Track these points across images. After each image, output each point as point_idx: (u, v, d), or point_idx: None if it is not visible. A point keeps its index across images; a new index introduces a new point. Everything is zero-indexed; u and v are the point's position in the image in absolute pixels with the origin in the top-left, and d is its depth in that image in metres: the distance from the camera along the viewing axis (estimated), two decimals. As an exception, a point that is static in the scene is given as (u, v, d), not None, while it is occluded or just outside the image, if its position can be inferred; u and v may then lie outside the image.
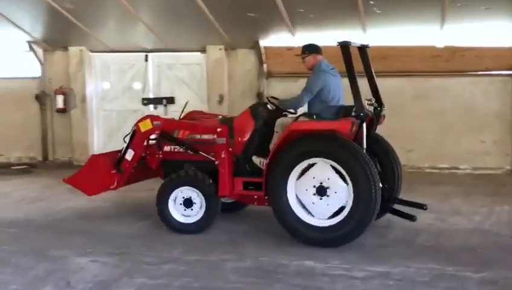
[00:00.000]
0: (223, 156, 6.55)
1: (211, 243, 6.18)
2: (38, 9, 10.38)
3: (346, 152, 5.86)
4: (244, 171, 6.67)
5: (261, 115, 6.81)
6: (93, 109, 11.96)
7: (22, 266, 5.45)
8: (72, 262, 5.58)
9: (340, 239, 5.95)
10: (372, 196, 5.78)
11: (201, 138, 6.82)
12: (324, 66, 6.70)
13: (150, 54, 11.68)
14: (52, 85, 11.95)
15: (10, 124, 12.21)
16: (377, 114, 6.60)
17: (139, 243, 6.18)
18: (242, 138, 6.71)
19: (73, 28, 10.70)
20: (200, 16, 9.75)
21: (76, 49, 11.67)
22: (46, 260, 5.64)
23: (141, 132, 6.90)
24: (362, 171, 5.77)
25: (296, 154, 6.05)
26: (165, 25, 10.81)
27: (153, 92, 11.81)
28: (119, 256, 5.72)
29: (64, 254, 5.80)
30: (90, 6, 10.02)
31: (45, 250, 5.96)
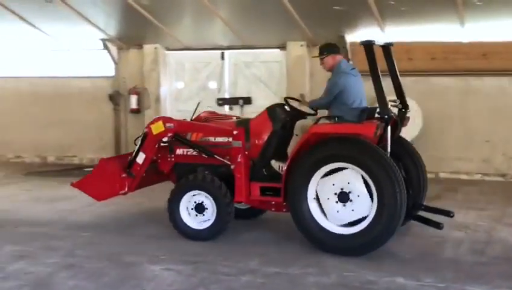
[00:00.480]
0: (239, 160, 6.58)
1: (291, 254, 6.17)
2: (113, 6, 10.76)
3: (371, 157, 5.90)
4: (261, 176, 6.72)
5: (279, 116, 6.79)
6: (167, 110, 12.23)
7: (95, 272, 5.65)
8: (146, 269, 5.72)
9: (363, 247, 6.00)
10: (397, 203, 5.81)
11: (215, 140, 6.87)
12: (344, 67, 6.78)
13: (226, 52, 11.85)
14: (126, 85, 12.32)
15: (83, 125, 12.69)
16: (401, 116, 6.66)
17: (214, 252, 6.26)
18: (259, 140, 6.74)
19: (148, 25, 11.02)
20: (281, 10, 9.79)
21: (151, 47, 12.00)
22: (120, 266, 5.82)
23: (153, 135, 6.96)
24: (387, 177, 5.82)
25: (317, 159, 6.10)
26: (243, 20, 10.93)
27: (229, 91, 11.97)
28: (194, 265, 5.82)
29: (138, 261, 5.97)
30: (166, 2, 10.28)
31: (118, 256, 6.15)
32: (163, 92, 12.20)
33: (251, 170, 6.72)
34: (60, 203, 8.68)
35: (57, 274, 5.56)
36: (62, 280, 5.43)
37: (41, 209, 8.29)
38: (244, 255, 6.15)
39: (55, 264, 5.85)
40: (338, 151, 6.07)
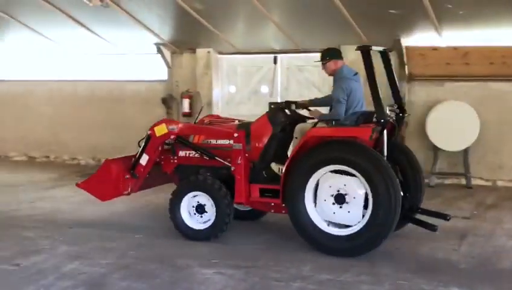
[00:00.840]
0: (239, 162, 6.81)
1: (344, 261, 6.12)
2: (168, 10, 10.89)
3: (366, 160, 6.10)
4: (261, 178, 6.94)
5: (279, 120, 6.99)
6: (219, 114, 12.28)
7: (147, 273, 5.74)
8: (198, 273, 5.78)
9: (359, 249, 6.20)
10: (392, 205, 6.00)
11: (217, 143, 7.12)
12: (346, 72, 6.95)
13: (279, 56, 11.86)
14: (179, 88, 12.46)
15: (137, 127, 12.83)
16: (398, 120, 6.89)
17: (266, 257, 6.28)
18: (259, 143, 6.94)
19: (201, 29, 11.12)
20: (335, 13, 9.73)
21: (204, 51, 12.11)
22: (172, 269, 5.90)
23: (156, 137, 7.23)
24: (382, 179, 6.01)
25: (315, 161, 6.32)
26: (296, 23, 10.91)
27: (281, 96, 11.94)
28: (245, 269, 5.85)
29: (189, 264, 6.04)
30: (220, 6, 10.36)
31: (170, 258, 6.24)
32: (215, 96, 12.29)
33: (251, 172, 6.95)
34: (113, 205, 8.78)
35: (110, 275, 5.68)
36: (115, 280, 5.55)
37: (95, 211, 8.46)
38: (296, 261, 6.14)
39: (108, 265, 5.98)
40: (335, 154, 6.29)
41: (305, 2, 9.81)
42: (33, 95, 13.91)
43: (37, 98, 13.86)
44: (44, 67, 14.02)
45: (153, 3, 10.61)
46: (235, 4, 10.23)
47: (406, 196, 6.68)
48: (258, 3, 9.78)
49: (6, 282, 5.53)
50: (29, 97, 13.90)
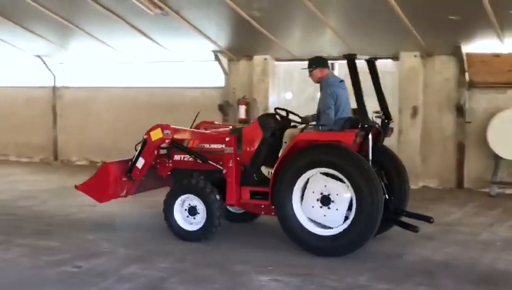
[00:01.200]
0: (231, 165, 7.13)
1: (402, 271, 6.04)
2: (226, 18, 11.01)
3: (350, 163, 6.39)
4: (252, 181, 7.22)
5: (270, 125, 7.26)
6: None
7: (205, 278, 5.79)
8: (254, 279, 5.79)
9: (343, 249, 6.47)
10: (374, 206, 6.25)
11: (210, 147, 7.44)
12: (331, 80, 7.26)
13: (336, 62, 11.79)
14: (236, 95, 12.56)
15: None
16: (384, 126, 7.10)
17: (322, 265, 6.24)
18: (250, 147, 7.20)
19: (259, 36, 11.18)
20: (394, 20, 9.63)
21: (261, 58, 12.18)
22: (228, 274, 5.93)
23: (152, 141, 7.53)
24: (365, 182, 6.27)
25: (302, 164, 6.60)
26: (354, 30, 10.84)
27: (337, 102, 11.86)
28: (301, 277, 5.83)
29: (246, 270, 6.06)
30: (277, 13, 10.40)
31: (227, 264, 6.27)
32: (272, 103, 12.32)
33: (242, 175, 7.23)
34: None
35: (168, 279, 5.75)
36: (173, 284, 5.61)
37: (154, 215, 8.55)
38: (352, 269, 6.08)
39: (167, 269, 6.06)
40: (320, 157, 6.56)
41: (363, 7, 9.74)
42: (95, 102, 14.30)
43: (99, 104, 14.24)
44: (106, 75, 14.41)
45: (211, 11, 10.74)
46: (293, 10, 10.23)
47: (391, 199, 7.01)
48: (316, 9, 9.76)
49: (67, 284, 5.66)
50: (91, 103, 14.29)
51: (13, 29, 12.80)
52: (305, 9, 9.79)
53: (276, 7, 10.22)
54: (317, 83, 7.41)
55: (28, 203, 9.15)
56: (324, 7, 9.92)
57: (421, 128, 11.19)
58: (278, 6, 10.14)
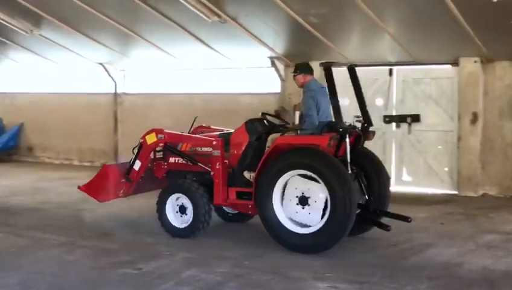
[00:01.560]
0: (218, 167, 7.52)
1: (462, 279, 5.91)
2: (282, 25, 11.03)
3: (324, 165, 6.69)
4: (239, 182, 7.52)
5: (256, 130, 7.65)
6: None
7: (261, 284, 5.80)
8: (311, 286, 5.77)
9: (319, 246, 6.76)
10: (347, 207, 6.54)
11: (201, 150, 7.80)
12: (313, 86, 7.60)
13: (394, 68, 11.65)
14: (292, 101, 12.55)
15: (250, 140, 13.12)
16: (364, 130, 7.35)
17: (380, 273, 6.17)
18: (238, 150, 7.58)
19: (315, 42, 11.15)
20: (453, 25, 9.44)
21: (317, 63, 12.08)
22: (285, 280, 5.93)
23: (147, 144, 8.00)
24: (338, 183, 6.57)
25: (281, 166, 6.95)
26: (413, 35, 10.67)
27: (396, 108, 11.73)
28: (360, 285, 5.77)
29: (303, 276, 6.04)
30: (335, 19, 10.36)
31: (283, 269, 6.27)
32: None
33: (230, 176, 7.60)
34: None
35: (226, 283, 5.79)
36: (230, 289, 5.64)
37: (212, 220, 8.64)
38: (411, 278, 5.99)
39: (224, 273, 6.11)
40: (297, 159, 6.89)
41: (422, 13, 9.59)
42: (154, 107, 14.54)
43: (157, 110, 14.47)
44: (164, 82, 14.65)
45: (268, 18, 10.78)
46: (350, 16, 10.18)
47: (371, 199, 7.37)
48: (374, 14, 9.67)
49: (130, 285, 5.78)
50: (150, 109, 14.54)
51: (78, 38, 13.22)
52: (363, 15, 9.71)
53: (334, 13, 10.17)
54: (301, 88, 7.78)
55: (89, 206, 9.36)
56: (383, 13, 9.82)
57: (481, 134, 10.92)
58: (335, 12, 10.09)
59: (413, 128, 11.43)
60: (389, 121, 11.66)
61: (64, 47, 13.99)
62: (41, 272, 6.22)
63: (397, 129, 11.58)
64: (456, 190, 11.05)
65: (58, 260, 6.64)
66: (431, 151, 11.38)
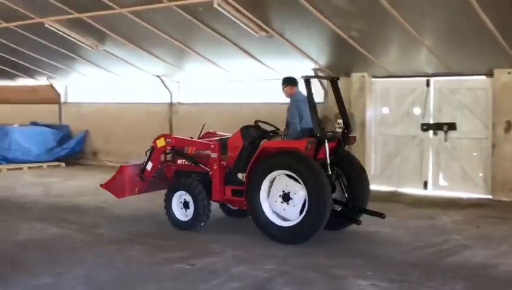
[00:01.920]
0: (215, 168, 7.94)
1: (498, 280, 5.74)
2: (325, 39, 10.95)
3: (302, 166, 7.07)
4: (234, 181, 7.91)
5: (249, 135, 7.99)
6: (371, 134, 12.12)
7: (306, 281, 5.76)
8: (353, 283, 5.70)
9: (299, 237, 7.10)
10: (321, 204, 6.89)
11: (204, 153, 8.19)
12: (297, 96, 8.03)
13: (431, 79, 11.41)
14: (334, 110, 12.41)
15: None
16: (344, 136, 7.72)
17: (418, 272, 6.04)
18: (234, 153, 7.93)
19: (356, 55, 11.03)
20: (488, 38, 9.20)
21: (358, 75, 12.00)
22: (328, 278, 5.88)
23: (157, 148, 8.46)
24: (314, 182, 6.93)
25: (266, 167, 7.35)
26: (449, 47, 10.44)
27: (433, 117, 11.47)
28: (399, 283, 5.67)
29: (345, 274, 5.97)
30: (375, 33, 10.24)
31: (326, 267, 6.22)
32: (369, 117, 12.10)
33: (227, 175, 7.99)
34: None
35: (273, 280, 5.78)
36: (277, 285, 5.63)
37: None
38: (448, 278, 5.86)
39: (271, 270, 6.09)
40: (279, 161, 7.28)
41: (457, 26, 9.39)
42: (205, 116, 14.52)
43: (208, 118, 14.47)
44: (215, 92, 14.74)
45: (312, 33, 10.74)
46: (389, 30, 10.02)
47: (349, 197, 7.70)
48: (411, 28, 9.52)
49: (184, 279, 5.83)
50: (202, 117, 14.46)
51: (138, 53, 13.43)
52: (401, 29, 9.57)
53: (374, 28, 10.06)
54: (288, 98, 8.22)
55: (145, 205, 9.50)
56: (420, 27, 9.65)
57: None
58: (375, 26, 9.97)
59: (449, 135, 11.18)
60: (426, 129, 11.44)
61: (125, 61, 14.24)
62: (104, 266, 6.35)
63: (434, 136, 11.34)
64: (490, 194, 10.73)
65: (119, 255, 6.75)
66: (466, 158, 11.11)
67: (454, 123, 11.12)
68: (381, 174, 12.00)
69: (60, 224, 8.51)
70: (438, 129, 11.30)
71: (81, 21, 12.18)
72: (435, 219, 8.90)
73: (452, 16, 9.11)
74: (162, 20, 11.49)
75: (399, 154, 11.79)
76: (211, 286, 5.58)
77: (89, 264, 6.36)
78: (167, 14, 10.95)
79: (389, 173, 11.92)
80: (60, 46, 14.02)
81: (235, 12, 10.12)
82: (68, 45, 13.72)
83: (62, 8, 11.74)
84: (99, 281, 5.77)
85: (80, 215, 9.15)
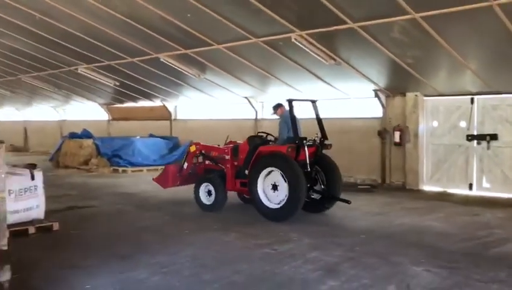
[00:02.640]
0: (228, 166, 8.90)
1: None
2: (384, 64, 10.73)
3: (284, 164, 7.93)
4: (242, 175, 8.60)
5: (253, 142, 8.79)
6: (423, 143, 11.72)
7: (369, 266, 5.65)
8: (409, 269, 5.53)
9: (281, 217, 7.89)
10: (297, 192, 7.73)
11: (222, 156, 9.05)
12: (286, 114, 8.75)
13: (475, 97, 10.90)
14: (391, 124, 12.15)
15: (357, 153, 12.85)
16: (321, 143, 8.61)
17: (466, 260, 5.79)
18: (242, 156, 8.71)
19: (410, 77, 10.74)
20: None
21: (412, 94, 11.66)
22: (388, 264, 5.73)
23: (191, 152, 9.50)
24: (292, 176, 7.78)
25: (261, 165, 8.21)
26: (491, 70, 9.96)
27: (477, 129, 10.94)
28: (449, 270, 5.45)
29: (402, 261, 5.81)
30: (426, 59, 9.91)
31: (386, 255, 6.06)
32: (421, 129, 11.71)
33: (237, 172, 8.79)
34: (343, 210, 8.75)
35: (341, 264, 5.71)
36: (345, 268, 5.55)
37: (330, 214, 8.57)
38: (494, 266, 5.58)
39: (339, 256, 6.01)
40: (268, 161, 8.16)
41: (498, 51, 8.95)
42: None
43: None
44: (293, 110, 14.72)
45: (373, 60, 10.56)
46: (439, 56, 9.66)
47: (326, 189, 8.43)
48: (457, 54, 9.16)
49: (268, 261, 5.86)
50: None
51: (230, 79, 13.70)
52: (449, 55, 9.23)
53: (425, 54, 9.73)
54: (279, 117, 9.08)
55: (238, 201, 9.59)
56: (465, 53, 9.27)
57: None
58: (426, 53, 9.65)
59: (491, 145, 10.61)
60: (471, 139, 10.92)
61: (221, 86, 14.54)
62: (207, 248, 6.47)
63: (478, 145, 10.81)
64: (529, 194, 10.11)
65: (218, 240, 6.87)
66: (507, 163, 10.50)
67: (496, 134, 10.57)
68: (432, 177, 11.59)
69: (171, 214, 8.74)
70: (481, 139, 10.78)
71: (188, 56, 12.59)
72: (479, 215, 8.49)
73: (495, 43, 8.70)
74: (250, 53, 11.68)
75: (447, 161, 11.33)
76: (290, 267, 5.58)
77: (194, 247, 6.48)
78: (254, 48, 11.12)
79: (439, 176, 11.49)
80: (171, 75, 14.56)
81: (308, 45, 10.13)
82: (177, 75, 14.23)
83: (173, 46, 12.20)
84: (203, 260, 5.90)
85: (185, 206, 9.32)
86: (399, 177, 12.01)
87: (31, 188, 7.24)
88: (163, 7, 10.27)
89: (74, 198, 10.37)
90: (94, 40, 12.93)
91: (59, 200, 9.70)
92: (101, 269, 5.51)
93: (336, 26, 9.30)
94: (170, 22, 10.74)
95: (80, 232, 7.31)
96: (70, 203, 9.70)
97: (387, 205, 9.62)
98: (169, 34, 11.52)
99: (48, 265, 5.63)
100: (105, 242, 6.73)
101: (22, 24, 12.88)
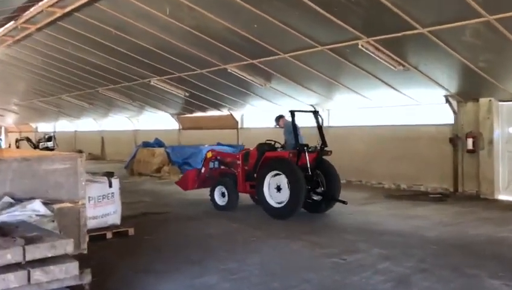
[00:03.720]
0: (239, 170, 9.70)
1: None
2: (455, 69, 10.31)
3: (286, 168, 8.68)
4: (252, 179, 9.35)
5: (262, 149, 9.49)
6: (499, 150, 11.09)
7: (443, 278, 5.40)
8: (486, 282, 5.24)
9: (285, 214, 8.58)
10: (297, 194, 8.45)
11: (235, 161, 9.84)
12: (288, 124, 9.50)
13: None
14: (464, 130, 11.61)
15: (426, 160, 12.39)
16: (322, 149, 9.16)
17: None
18: (252, 161, 9.49)
19: (483, 82, 10.23)
20: None
21: (486, 100, 11.09)
22: (463, 276, 5.46)
23: (207, 158, 10.32)
24: (293, 179, 8.50)
25: (267, 169, 8.97)
26: None
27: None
28: (532, 285, 5.08)
29: (478, 273, 5.52)
30: (500, 61, 9.44)
31: (461, 267, 5.78)
32: (496, 136, 11.09)
33: (248, 175, 9.53)
34: (413, 220, 8.55)
35: (413, 275, 5.51)
36: (417, 280, 5.35)
37: (399, 224, 8.32)
38: None
39: (411, 267, 5.80)
40: (274, 164, 8.95)
41: None
42: (351, 136, 14.42)
43: (354, 138, 14.32)
44: (359, 117, 14.48)
45: (443, 65, 10.18)
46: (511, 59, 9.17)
47: (326, 190, 9.03)
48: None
49: (337, 271, 5.75)
50: (348, 138, 14.42)
51: (295, 87, 13.70)
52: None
53: (500, 57, 9.26)
54: (283, 127, 9.74)
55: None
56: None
57: None
58: (501, 56, 9.18)
59: None
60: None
61: (285, 94, 14.55)
62: (274, 255, 6.47)
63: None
64: None
65: (285, 248, 6.85)
66: None
67: None
68: (508, 186, 10.93)
69: (238, 221, 8.76)
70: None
71: (254, 65, 12.75)
72: None
73: None
74: (316, 61, 11.62)
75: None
76: (360, 278, 5.45)
77: (261, 254, 6.48)
78: (320, 56, 11.06)
79: (516, 185, 10.82)
80: (238, 85, 14.80)
81: (376, 51, 9.94)
82: (244, 84, 14.45)
83: (240, 56, 12.41)
84: (271, 268, 5.88)
85: (251, 214, 9.29)
86: (472, 186, 11.42)
87: (109, 195, 7.58)
88: (229, 18, 10.48)
89: (148, 204, 10.76)
90: (165, 53, 13.42)
91: (134, 207, 10.09)
92: (172, 273, 5.65)
93: (404, 32, 9.05)
94: (237, 32, 10.93)
95: (153, 237, 7.55)
96: (144, 209, 10.08)
97: (460, 214, 9.18)
98: (236, 44, 11.73)
99: (124, 269, 5.85)
100: (176, 247, 6.90)
101: (99, 40, 13.62)
